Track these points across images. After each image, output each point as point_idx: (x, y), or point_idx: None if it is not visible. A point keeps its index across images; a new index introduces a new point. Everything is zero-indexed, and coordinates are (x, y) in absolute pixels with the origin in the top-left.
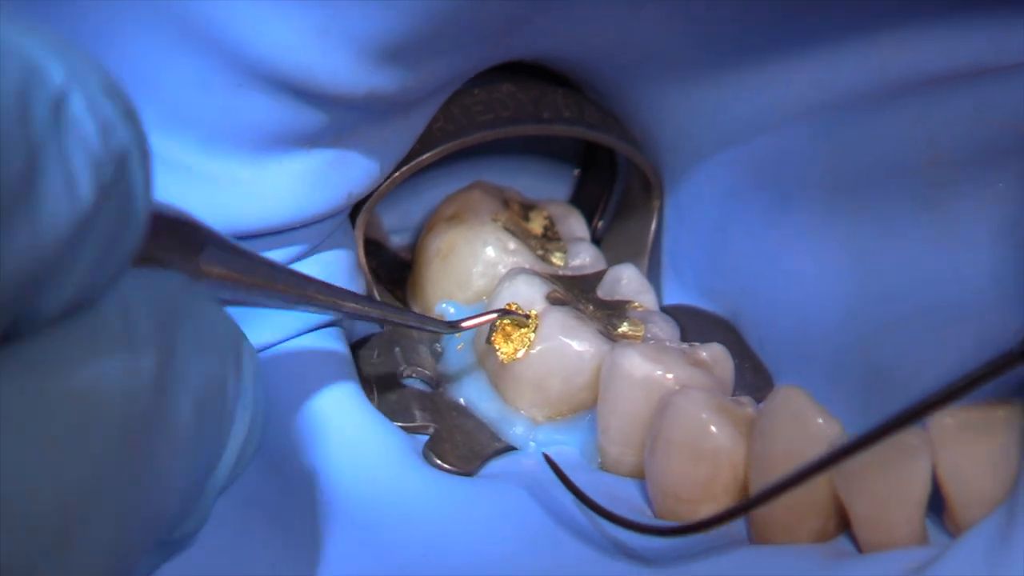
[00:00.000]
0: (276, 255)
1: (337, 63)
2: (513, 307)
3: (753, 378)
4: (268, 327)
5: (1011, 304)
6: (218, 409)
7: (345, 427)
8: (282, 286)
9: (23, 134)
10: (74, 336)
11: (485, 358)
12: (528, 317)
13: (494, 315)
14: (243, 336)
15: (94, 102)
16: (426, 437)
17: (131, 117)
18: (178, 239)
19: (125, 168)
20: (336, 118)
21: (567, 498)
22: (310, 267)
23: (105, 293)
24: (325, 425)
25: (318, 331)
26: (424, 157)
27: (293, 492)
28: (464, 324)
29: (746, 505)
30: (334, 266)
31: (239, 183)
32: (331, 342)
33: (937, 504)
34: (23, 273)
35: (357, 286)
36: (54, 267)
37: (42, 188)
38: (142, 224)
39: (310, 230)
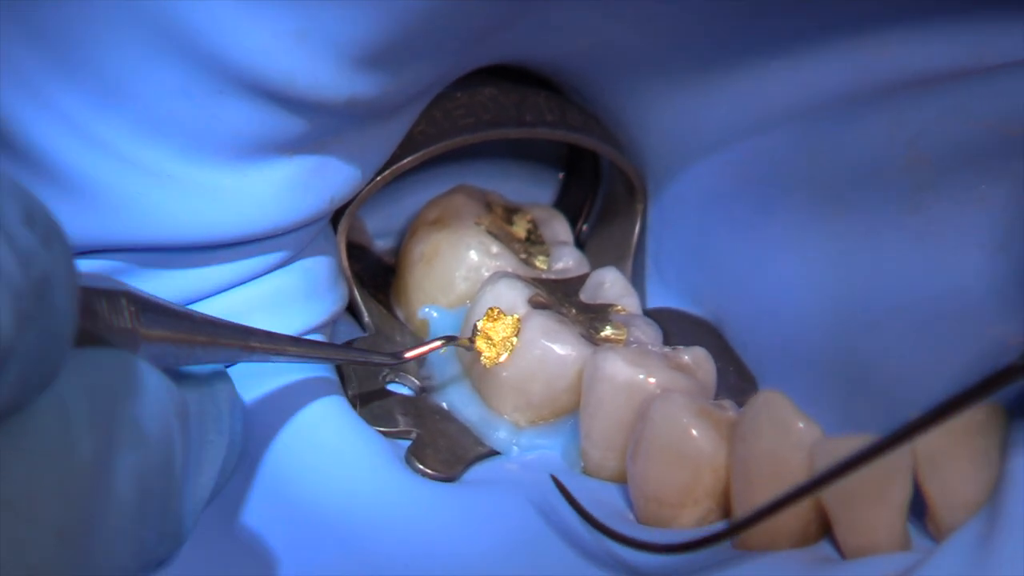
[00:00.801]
0: (258, 262)
1: (317, 69)
2: (495, 312)
3: (737, 381)
4: None
5: (994, 306)
6: (164, 480)
7: (326, 433)
8: (225, 341)
9: None
10: (7, 443)
11: (468, 362)
12: (475, 341)
13: (438, 343)
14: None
15: (11, 235)
16: (408, 442)
17: (53, 238)
18: (114, 312)
19: (47, 291)
20: (317, 124)
21: (549, 504)
22: (293, 273)
23: (56, 374)
24: (306, 431)
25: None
26: (406, 161)
27: (273, 500)
28: (406, 355)
29: (747, 520)
30: (316, 271)
31: (221, 191)
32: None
33: (919, 508)
34: None
35: (339, 291)
36: None
37: None
38: (68, 339)
39: (292, 236)
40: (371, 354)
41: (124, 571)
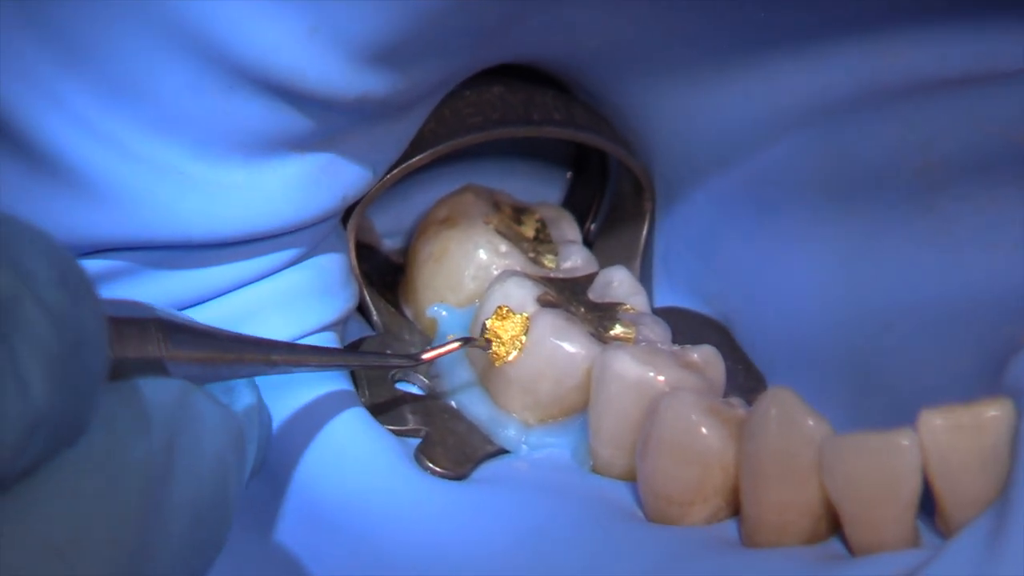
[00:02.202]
0: (271, 259)
1: (328, 66)
2: (504, 310)
3: (745, 380)
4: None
5: (1006, 306)
6: (219, 512)
7: (336, 431)
8: (249, 357)
9: None
10: (54, 482)
11: (477, 361)
12: (491, 342)
13: (456, 345)
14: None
15: (45, 298)
16: (418, 440)
17: (84, 296)
18: (143, 340)
19: (80, 352)
20: (328, 121)
21: (559, 501)
22: (306, 270)
23: (85, 429)
24: (315, 430)
25: (310, 336)
26: (414, 160)
27: (283, 498)
28: (424, 356)
29: None
30: (329, 269)
31: (233, 188)
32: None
33: (929, 505)
34: None
35: (352, 288)
36: (7, 457)
37: None
38: (95, 395)
39: (304, 234)
40: (389, 358)
41: None
